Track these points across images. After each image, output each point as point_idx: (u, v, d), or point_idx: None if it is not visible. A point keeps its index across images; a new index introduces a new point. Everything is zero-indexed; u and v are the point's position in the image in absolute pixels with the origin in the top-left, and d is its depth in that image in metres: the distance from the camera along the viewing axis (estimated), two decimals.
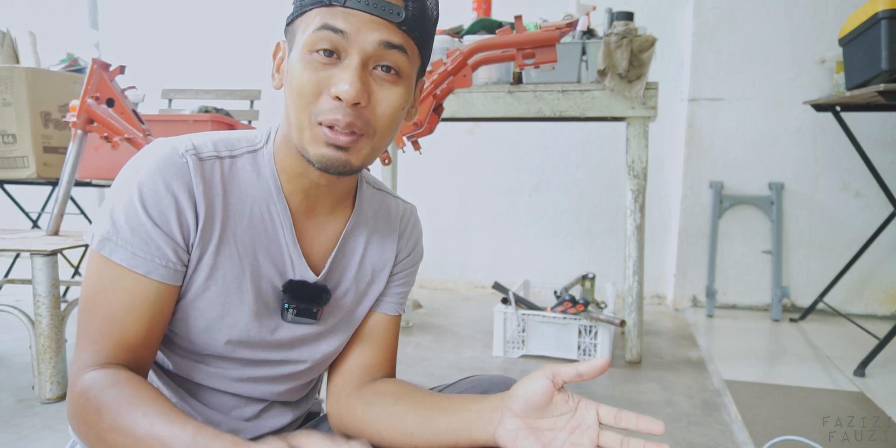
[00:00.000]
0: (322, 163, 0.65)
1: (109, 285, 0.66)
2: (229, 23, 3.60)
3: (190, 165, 0.67)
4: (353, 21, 0.63)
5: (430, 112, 1.49)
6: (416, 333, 2.53)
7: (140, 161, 0.67)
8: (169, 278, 0.67)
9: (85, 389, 0.63)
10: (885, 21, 1.90)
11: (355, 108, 0.64)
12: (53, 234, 1.95)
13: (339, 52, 0.64)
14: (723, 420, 1.70)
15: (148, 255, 0.65)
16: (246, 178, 0.71)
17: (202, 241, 0.68)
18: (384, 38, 0.63)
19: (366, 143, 0.66)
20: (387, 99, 0.66)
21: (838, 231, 2.88)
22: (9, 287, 3.01)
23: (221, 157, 0.70)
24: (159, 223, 0.65)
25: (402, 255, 0.85)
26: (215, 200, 0.68)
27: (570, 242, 3.27)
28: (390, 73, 0.65)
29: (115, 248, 0.65)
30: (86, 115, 1.80)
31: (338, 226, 0.79)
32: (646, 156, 2.11)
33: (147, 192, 0.65)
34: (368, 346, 0.84)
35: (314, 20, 0.64)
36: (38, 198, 3.22)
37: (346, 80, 0.62)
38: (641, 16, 2.92)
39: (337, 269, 0.79)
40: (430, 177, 3.40)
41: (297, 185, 0.73)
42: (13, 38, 2.57)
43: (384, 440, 0.76)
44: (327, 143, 0.64)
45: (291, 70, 0.65)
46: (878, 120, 2.77)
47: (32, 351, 1.71)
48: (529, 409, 0.66)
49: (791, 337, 2.53)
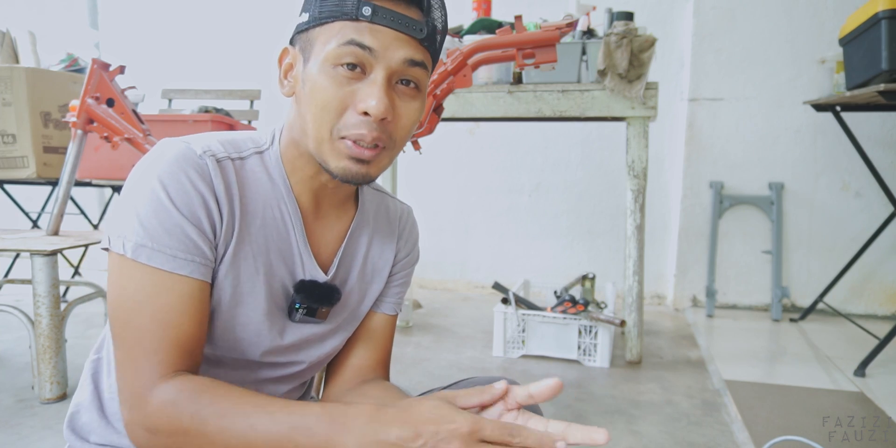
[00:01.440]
0: (344, 176, 0.66)
1: (153, 292, 0.63)
2: (229, 23, 3.60)
3: (209, 166, 0.66)
4: (379, 37, 0.63)
5: (430, 112, 1.49)
6: (416, 333, 2.53)
7: (154, 159, 0.65)
8: (207, 276, 0.66)
9: (168, 402, 0.60)
10: (885, 21, 1.90)
11: (381, 123, 0.65)
12: (53, 234, 1.95)
13: (363, 67, 0.64)
14: (723, 420, 1.70)
15: (189, 256, 0.64)
16: (257, 179, 0.71)
17: (224, 241, 0.68)
18: (409, 55, 0.65)
19: (386, 154, 0.68)
20: (408, 113, 0.67)
21: (838, 231, 2.88)
22: (9, 287, 3.01)
23: (232, 158, 0.70)
24: (191, 219, 0.64)
25: (402, 255, 0.87)
26: (234, 200, 0.68)
27: (569, 242, 3.27)
28: (411, 87, 0.67)
29: (153, 253, 0.63)
30: (86, 115, 1.81)
31: (343, 225, 0.80)
32: (646, 156, 2.11)
33: (173, 189, 0.63)
34: (367, 345, 0.85)
35: (338, 33, 0.63)
36: (38, 198, 3.22)
37: (374, 95, 0.63)
38: (641, 16, 2.92)
39: (343, 268, 0.80)
40: (430, 177, 3.40)
41: (306, 187, 0.73)
42: (13, 38, 2.57)
43: None
44: (350, 156, 0.65)
45: (312, 82, 0.65)
46: (878, 120, 2.77)
47: (32, 351, 1.71)
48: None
49: (791, 337, 2.53)
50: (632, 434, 1.59)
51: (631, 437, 1.58)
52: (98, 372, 0.79)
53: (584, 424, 0.59)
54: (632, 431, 1.61)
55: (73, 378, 1.80)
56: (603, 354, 2.14)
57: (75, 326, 2.48)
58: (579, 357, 2.17)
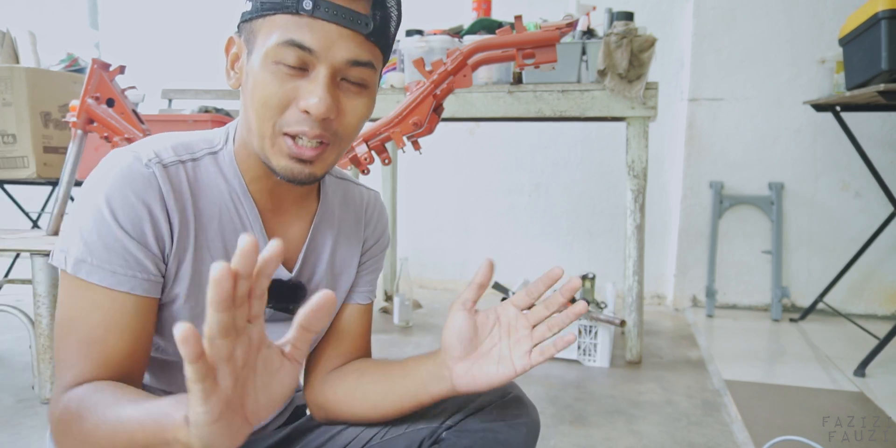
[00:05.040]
0: (286, 175, 0.65)
1: (87, 307, 0.63)
2: (229, 23, 3.60)
3: (157, 175, 0.65)
4: (320, 36, 0.60)
5: (430, 112, 1.49)
6: (416, 333, 2.53)
7: (102, 174, 0.64)
8: (151, 291, 0.65)
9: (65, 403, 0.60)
10: (885, 21, 1.90)
11: (324, 121, 0.63)
12: (53, 234, 1.95)
13: (305, 65, 0.62)
14: (723, 420, 1.70)
15: (129, 271, 0.63)
16: (211, 181, 0.70)
17: (179, 250, 0.67)
18: (352, 56, 0.62)
19: (331, 151, 0.66)
20: (354, 110, 0.66)
21: (838, 231, 2.88)
22: (9, 287, 3.01)
23: (183, 160, 0.68)
24: (135, 235, 0.63)
25: (370, 242, 0.86)
26: (186, 207, 0.67)
27: (569, 242, 3.27)
28: (356, 85, 0.65)
29: (93, 268, 0.62)
30: (86, 115, 1.80)
31: (305, 220, 0.78)
32: (646, 156, 2.11)
33: (118, 205, 0.62)
34: (343, 337, 0.84)
35: (277, 30, 0.61)
36: (38, 198, 3.22)
37: (315, 94, 0.61)
38: (641, 16, 2.91)
39: (309, 264, 0.79)
40: (430, 177, 3.40)
41: (262, 186, 0.72)
42: (13, 38, 2.57)
43: (356, 416, 0.78)
44: (291, 155, 0.64)
45: (253, 77, 0.63)
46: (878, 120, 2.77)
47: (32, 351, 1.71)
48: (466, 346, 0.69)
49: (791, 337, 2.53)
50: (632, 434, 1.59)
51: (631, 437, 1.58)
52: None
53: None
54: (632, 431, 1.61)
55: None
56: (603, 354, 2.14)
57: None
58: (579, 357, 2.17)
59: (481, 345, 0.70)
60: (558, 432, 1.57)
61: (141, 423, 0.51)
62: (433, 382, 0.71)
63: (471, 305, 0.70)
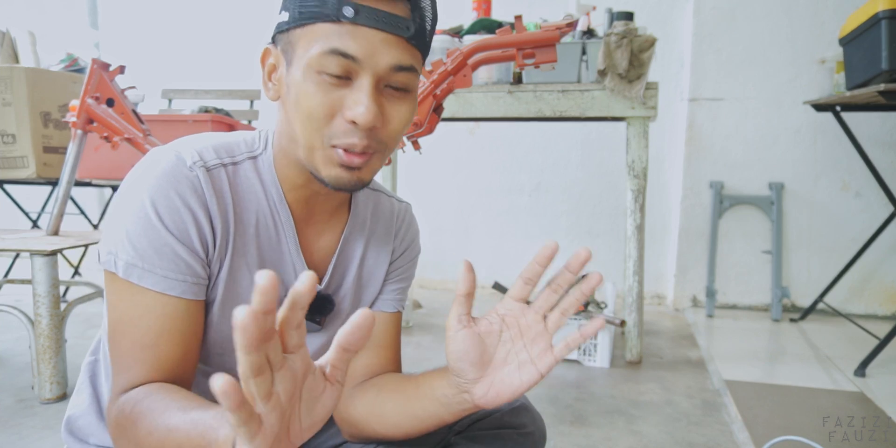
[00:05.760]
0: (336, 184, 0.65)
1: (139, 311, 0.63)
2: (229, 23, 3.60)
3: (201, 179, 0.65)
4: (363, 43, 0.60)
5: (430, 112, 1.49)
6: (416, 333, 2.53)
7: (144, 173, 0.64)
8: (200, 294, 0.66)
9: (120, 406, 0.61)
10: (885, 21, 1.90)
11: (371, 130, 0.63)
12: (53, 234, 1.95)
13: (349, 74, 0.61)
14: (723, 420, 1.70)
15: (180, 276, 0.63)
16: (250, 186, 0.70)
17: (219, 255, 0.67)
18: (396, 61, 0.62)
19: (377, 158, 0.66)
20: (398, 116, 0.65)
21: (838, 231, 2.88)
22: (9, 287, 3.01)
23: (225, 164, 0.68)
24: (182, 239, 0.63)
25: (398, 253, 0.85)
26: (227, 212, 0.67)
27: (569, 242, 3.27)
28: (399, 90, 0.65)
29: (144, 273, 0.62)
30: (86, 115, 1.80)
31: (336, 231, 0.78)
32: (646, 156, 2.11)
33: (163, 208, 0.62)
34: (369, 347, 0.82)
35: (319, 39, 0.60)
36: (38, 198, 3.22)
37: (361, 103, 0.61)
38: (641, 16, 2.92)
39: (337, 276, 0.78)
40: (430, 177, 3.40)
41: (299, 194, 0.72)
42: (13, 38, 2.57)
43: (377, 433, 0.76)
44: (341, 164, 0.64)
45: (296, 88, 0.63)
46: (878, 120, 2.77)
47: (32, 351, 1.71)
48: (478, 366, 0.64)
49: (791, 337, 2.53)
50: (632, 434, 1.59)
51: (631, 437, 1.58)
52: (96, 375, 0.78)
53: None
54: (632, 431, 1.61)
55: (72, 378, 1.80)
56: (603, 354, 2.14)
57: (75, 326, 2.48)
58: (579, 357, 2.17)
59: (495, 355, 0.65)
60: (558, 432, 1.57)
61: (188, 435, 0.52)
62: (455, 405, 0.67)
63: (466, 320, 0.64)
